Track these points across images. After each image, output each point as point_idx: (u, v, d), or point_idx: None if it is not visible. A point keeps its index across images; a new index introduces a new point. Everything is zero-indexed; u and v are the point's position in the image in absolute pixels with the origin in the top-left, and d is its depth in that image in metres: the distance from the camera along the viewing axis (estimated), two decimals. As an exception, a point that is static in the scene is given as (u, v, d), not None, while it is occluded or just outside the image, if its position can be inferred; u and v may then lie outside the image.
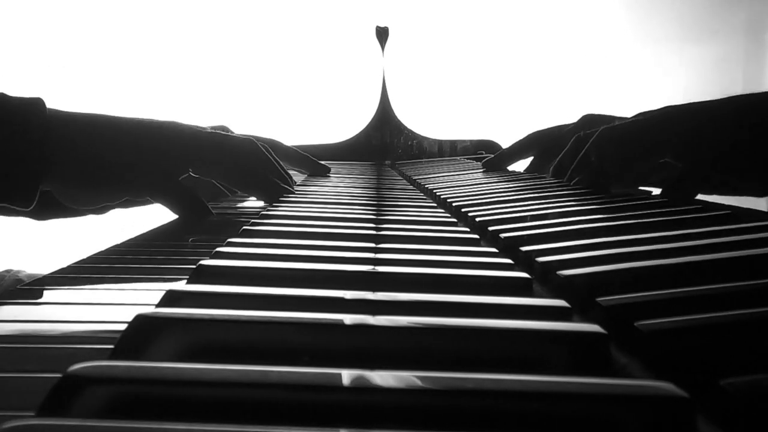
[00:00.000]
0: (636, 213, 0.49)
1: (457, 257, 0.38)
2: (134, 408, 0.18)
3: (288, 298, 0.27)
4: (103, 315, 0.32)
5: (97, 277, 0.40)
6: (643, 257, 0.34)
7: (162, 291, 0.28)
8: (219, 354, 0.23)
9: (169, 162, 0.63)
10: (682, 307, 0.25)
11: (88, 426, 0.16)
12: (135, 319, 0.23)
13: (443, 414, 0.18)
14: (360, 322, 0.23)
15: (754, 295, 0.27)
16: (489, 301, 0.27)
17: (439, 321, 0.23)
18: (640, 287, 0.28)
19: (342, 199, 0.69)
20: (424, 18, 1.75)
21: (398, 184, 0.92)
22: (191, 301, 0.27)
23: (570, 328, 0.24)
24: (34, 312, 0.33)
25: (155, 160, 0.62)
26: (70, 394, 0.18)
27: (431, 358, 0.23)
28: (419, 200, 0.69)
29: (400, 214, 0.57)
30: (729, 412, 0.18)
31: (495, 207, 0.58)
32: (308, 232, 0.46)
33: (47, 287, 0.38)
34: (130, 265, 0.43)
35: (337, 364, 0.19)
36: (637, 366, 0.23)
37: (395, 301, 0.28)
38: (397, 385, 0.18)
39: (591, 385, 0.18)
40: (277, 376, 0.18)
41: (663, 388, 0.18)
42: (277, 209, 0.59)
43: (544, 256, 0.36)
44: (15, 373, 0.24)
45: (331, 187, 0.84)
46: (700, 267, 0.32)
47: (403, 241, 0.43)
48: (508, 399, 0.18)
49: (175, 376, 0.18)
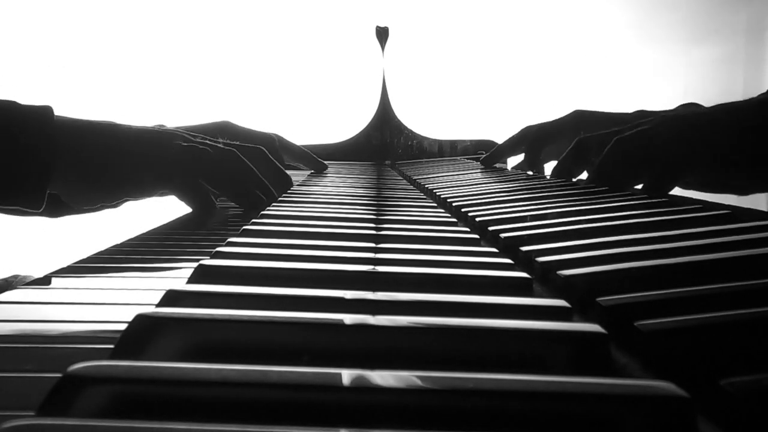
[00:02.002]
0: (636, 213, 0.49)
1: (457, 257, 0.38)
2: (134, 408, 0.18)
3: (288, 297, 0.27)
4: (103, 315, 0.32)
5: (97, 276, 0.40)
6: (643, 257, 0.34)
7: (162, 290, 0.28)
8: (219, 354, 0.23)
9: (162, 167, 0.67)
10: (682, 307, 0.25)
11: (89, 426, 0.16)
12: (135, 319, 0.23)
13: (443, 414, 0.18)
14: (360, 322, 0.23)
15: (754, 295, 0.27)
16: (489, 301, 0.27)
17: (439, 321, 0.23)
18: (640, 287, 0.28)
19: (342, 199, 0.69)
20: (424, 18, 1.75)
21: (398, 184, 0.92)
22: (191, 300, 0.27)
23: (570, 328, 0.24)
24: (34, 312, 0.33)
25: (154, 162, 0.67)
26: (70, 394, 0.18)
27: (431, 357, 0.23)
28: (419, 200, 0.69)
29: (401, 214, 0.57)
30: (729, 412, 0.18)
31: (495, 207, 0.58)
32: (308, 231, 0.46)
33: (47, 287, 0.38)
34: (131, 264, 0.43)
35: (338, 363, 0.19)
36: (637, 366, 0.23)
37: (395, 300, 0.28)
38: (397, 385, 0.18)
39: (591, 384, 0.18)
40: (277, 375, 0.18)
41: (663, 388, 0.18)
42: (277, 209, 0.59)
43: (544, 256, 0.36)
44: (15, 373, 0.24)
45: (332, 187, 0.84)
46: (699, 267, 0.32)
47: (403, 241, 0.43)
48: (509, 399, 0.18)
49: (176, 375, 0.18)
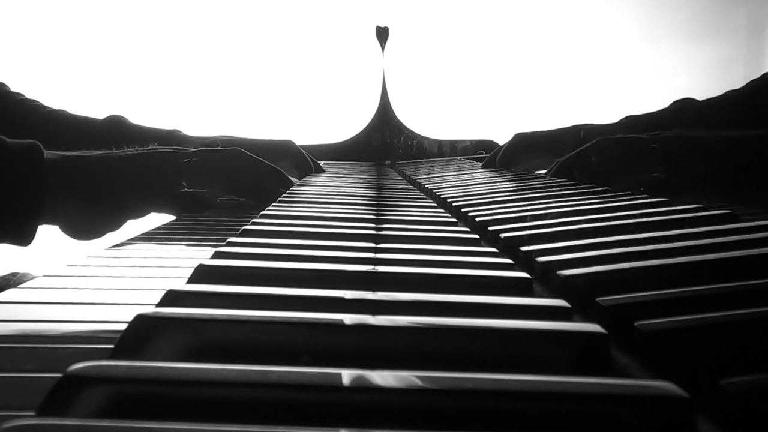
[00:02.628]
0: (636, 213, 0.49)
1: (457, 257, 0.37)
2: (134, 408, 0.18)
3: (288, 298, 0.27)
4: (103, 315, 0.32)
5: (97, 277, 0.40)
6: (643, 257, 0.34)
7: (162, 290, 0.28)
8: (219, 354, 0.23)
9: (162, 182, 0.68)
10: (682, 307, 0.25)
11: (89, 426, 0.16)
12: (135, 319, 0.23)
13: (444, 414, 0.18)
14: (360, 321, 0.23)
15: (754, 295, 0.27)
16: (489, 301, 0.27)
17: (439, 321, 0.23)
18: (639, 287, 0.28)
19: (342, 199, 0.69)
20: (424, 18, 1.75)
21: (398, 184, 0.92)
22: (191, 300, 0.27)
23: (570, 328, 0.24)
24: (34, 312, 0.33)
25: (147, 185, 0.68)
26: (70, 394, 0.17)
27: (431, 357, 0.23)
28: (419, 200, 0.69)
29: (401, 214, 0.57)
30: (729, 412, 0.18)
31: (495, 207, 0.58)
32: (309, 231, 0.46)
33: (47, 287, 0.38)
34: (132, 265, 0.43)
35: (338, 363, 0.19)
36: (637, 366, 0.23)
37: (395, 300, 0.28)
38: (397, 385, 0.18)
39: (591, 384, 0.18)
40: (277, 375, 0.18)
41: (663, 387, 0.18)
42: (277, 209, 0.59)
43: (544, 256, 0.36)
44: (15, 373, 0.24)
45: (332, 187, 0.84)
46: (699, 267, 0.32)
47: (403, 241, 0.43)
48: (509, 399, 0.18)
49: (176, 375, 0.18)
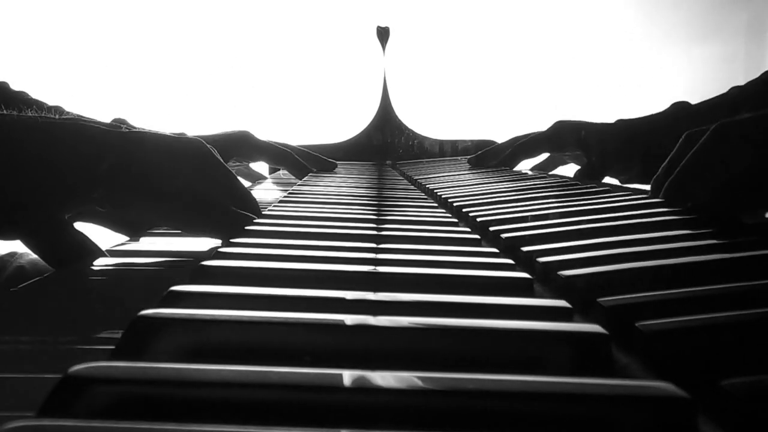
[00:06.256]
0: (636, 213, 0.49)
1: (458, 257, 0.37)
2: (135, 409, 0.18)
3: (289, 298, 0.27)
4: (103, 314, 0.32)
5: (97, 276, 0.40)
6: (644, 258, 0.34)
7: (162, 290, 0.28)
8: (220, 354, 0.23)
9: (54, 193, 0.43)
10: (683, 307, 0.25)
11: (89, 426, 0.16)
12: (136, 319, 0.23)
13: (444, 414, 0.18)
14: (361, 322, 0.23)
15: (755, 295, 0.27)
16: (490, 302, 0.27)
17: (440, 321, 0.23)
18: (640, 288, 0.28)
19: (343, 199, 0.69)
20: (424, 18, 1.75)
21: (399, 184, 0.92)
22: (192, 301, 0.27)
23: (571, 328, 0.24)
24: (34, 311, 0.33)
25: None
26: (71, 395, 0.17)
27: (432, 358, 0.23)
28: (420, 200, 0.69)
29: (401, 214, 0.57)
30: (729, 413, 0.18)
31: (496, 207, 0.58)
32: (309, 232, 0.46)
33: (47, 287, 0.38)
34: (132, 267, 0.43)
35: (338, 364, 0.19)
36: (637, 366, 0.23)
37: (396, 301, 0.28)
38: (398, 385, 0.18)
39: (592, 385, 0.18)
40: (278, 376, 0.18)
41: (664, 388, 0.18)
42: (277, 209, 0.59)
43: (545, 257, 0.36)
44: (15, 373, 0.24)
45: (332, 187, 0.84)
46: (700, 267, 0.32)
47: (404, 241, 0.43)
48: (510, 399, 0.18)
49: (176, 376, 0.18)
